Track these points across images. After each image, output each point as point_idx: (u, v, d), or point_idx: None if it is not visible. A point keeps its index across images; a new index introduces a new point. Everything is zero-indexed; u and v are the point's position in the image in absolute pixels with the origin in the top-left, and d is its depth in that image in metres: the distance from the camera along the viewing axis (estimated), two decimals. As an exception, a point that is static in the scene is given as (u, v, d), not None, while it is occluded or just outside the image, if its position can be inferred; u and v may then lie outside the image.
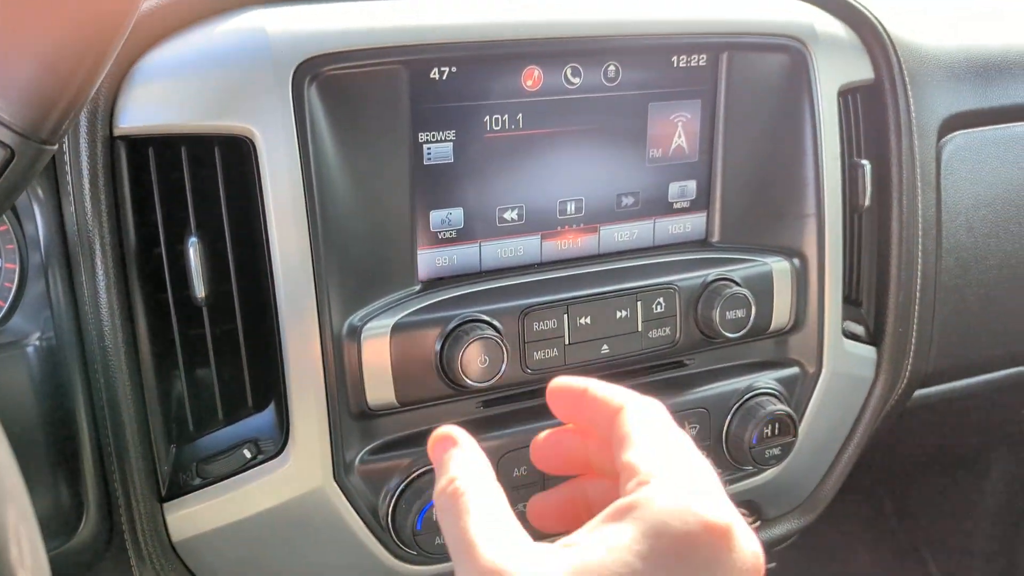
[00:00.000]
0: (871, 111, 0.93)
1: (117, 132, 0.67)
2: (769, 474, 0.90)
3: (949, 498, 1.49)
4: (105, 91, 0.66)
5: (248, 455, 0.71)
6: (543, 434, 0.51)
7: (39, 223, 0.69)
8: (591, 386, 0.49)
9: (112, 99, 0.67)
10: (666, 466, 0.41)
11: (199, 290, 0.68)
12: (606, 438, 0.46)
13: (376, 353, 0.71)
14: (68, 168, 0.66)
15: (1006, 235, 1.02)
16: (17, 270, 0.71)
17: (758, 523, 0.96)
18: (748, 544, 0.39)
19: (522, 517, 0.44)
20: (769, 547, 0.98)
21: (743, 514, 0.41)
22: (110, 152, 0.67)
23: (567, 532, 0.40)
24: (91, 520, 0.70)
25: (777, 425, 0.84)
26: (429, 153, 0.74)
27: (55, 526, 0.69)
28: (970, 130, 1.00)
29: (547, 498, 0.52)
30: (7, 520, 0.35)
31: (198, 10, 0.69)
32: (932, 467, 1.47)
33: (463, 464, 0.44)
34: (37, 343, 0.69)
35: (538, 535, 0.42)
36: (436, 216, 0.76)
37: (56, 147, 0.54)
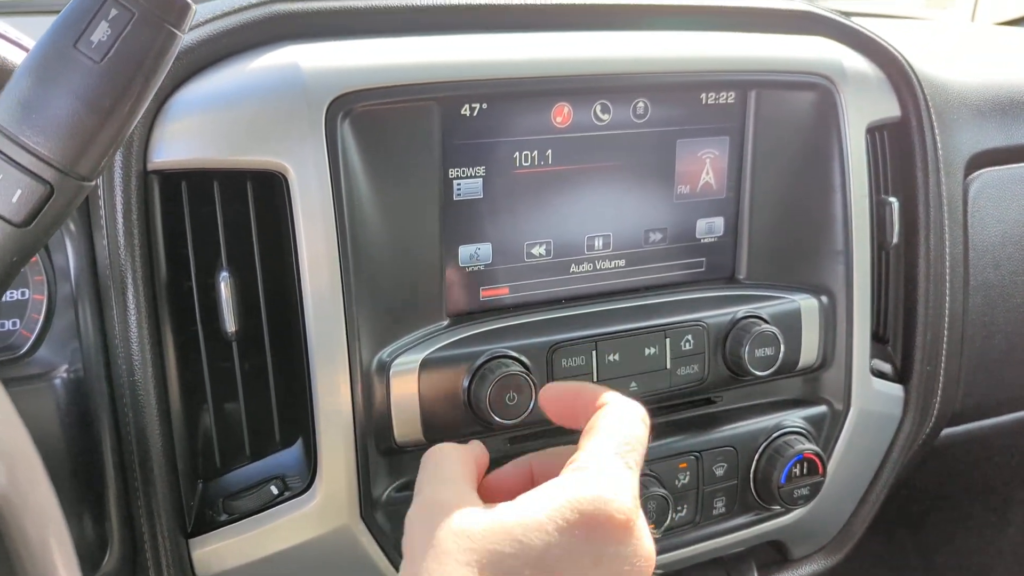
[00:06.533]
0: (898, 148, 0.93)
1: (151, 167, 0.67)
2: (796, 514, 0.89)
3: (967, 536, 1.47)
4: (139, 126, 0.66)
5: (275, 491, 0.70)
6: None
7: (70, 255, 0.68)
8: (583, 388, 0.58)
9: (146, 134, 0.67)
10: (602, 460, 0.48)
11: (230, 324, 0.68)
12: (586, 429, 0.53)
13: (404, 389, 0.71)
14: (102, 202, 0.66)
15: (1033, 273, 1.01)
16: (45, 301, 0.71)
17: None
18: (645, 539, 0.48)
19: None
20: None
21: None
22: (143, 186, 0.67)
23: None
24: (115, 554, 0.70)
25: (806, 464, 0.83)
26: (459, 188, 0.74)
27: (78, 560, 0.68)
28: (996, 168, 1.00)
29: (500, 474, 0.59)
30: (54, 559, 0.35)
31: (231, 45, 0.70)
32: (950, 504, 1.45)
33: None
34: (64, 375, 0.69)
35: None
36: (465, 251, 0.76)
37: (94, 183, 0.54)
